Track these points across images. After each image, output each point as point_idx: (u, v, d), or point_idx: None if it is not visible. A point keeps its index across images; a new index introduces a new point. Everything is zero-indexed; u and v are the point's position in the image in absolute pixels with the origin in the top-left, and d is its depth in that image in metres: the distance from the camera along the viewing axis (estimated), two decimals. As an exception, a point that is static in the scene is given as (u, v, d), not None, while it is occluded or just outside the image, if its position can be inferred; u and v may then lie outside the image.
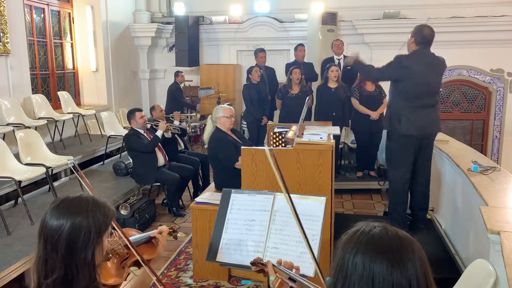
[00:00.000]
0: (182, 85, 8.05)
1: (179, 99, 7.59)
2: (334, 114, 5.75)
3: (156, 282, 1.60)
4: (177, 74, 7.77)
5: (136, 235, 1.87)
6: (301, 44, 7.11)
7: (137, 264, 1.74)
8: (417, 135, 3.98)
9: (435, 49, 4.09)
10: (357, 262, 0.97)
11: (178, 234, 2.09)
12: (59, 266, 1.31)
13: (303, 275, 1.57)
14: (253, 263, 1.68)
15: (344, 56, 6.74)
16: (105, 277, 1.61)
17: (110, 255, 1.68)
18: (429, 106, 4.00)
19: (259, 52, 6.98)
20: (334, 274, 1.02)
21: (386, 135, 4.25)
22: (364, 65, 4.39)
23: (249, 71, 6.64)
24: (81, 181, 1.60)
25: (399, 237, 1.00)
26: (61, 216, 1.33)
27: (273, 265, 1.59)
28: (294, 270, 1.61)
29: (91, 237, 1.33)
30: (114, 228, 1.55)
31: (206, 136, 4.52)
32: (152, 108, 5.89)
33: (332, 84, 5.89)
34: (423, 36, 3.95)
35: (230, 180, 3.94)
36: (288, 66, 6.66)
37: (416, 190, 4.21)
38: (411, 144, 3.99)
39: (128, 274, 1.74)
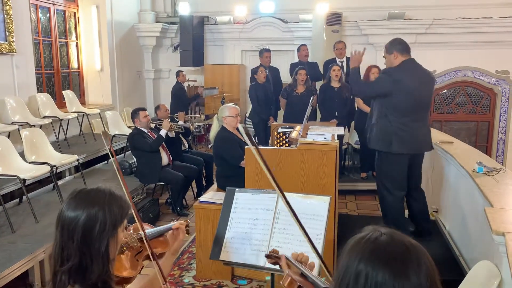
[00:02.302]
0: (186, 85, 8.06)
1: (183, 98, 7.60)
2: (336, 114, 5.75)
3: (160, 280, 1.61)
4: (178, 74, 7.77)
5: (150, 229, 1.88)
6: (304, 44, 7.11)
7: (150, 258, 1.76)
8: (409, 152, 3.83)
9: (440, 50, 4.06)
10: (361, 270, 0.95)
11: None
12: (75, 254, 1.34)
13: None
14: (268, 256, 1.69)
15: (347, 58, 6.72)
16: (119, 269, 1.64)
17: (124, 248, 1.70)
18: (421, 121, 3.85)
19: (265, 52, 6.98)
20: (337, 280, 1.00)
21: (377, 155, 4.03)
22: (358, 76, 4.19)
23: (255, 71, 6.64)
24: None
25: (406, 247, 0.97)
26: (78, 206, 1.37)
27: (287, 258, 1.59)
28: (307, 265, 1.61)
29: (106, 229, 1.36)
30: (129, 222, 1.57)
31: (212, 135, 4.53)
32: (157, 108, 5.91)
33: (335, 84, 5.89)
34: (401, 43, 3.78)
35: (233, 179, 3.95)
36: (293, 66, 6.66)
37: (414, 206, 4.13)
38: (404, 162, 3.84)
39: (142, 267, 1.76)
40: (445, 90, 8.02)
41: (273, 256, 1.68)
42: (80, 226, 1.34)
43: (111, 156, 1.66)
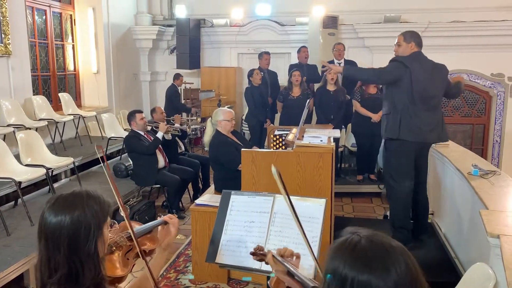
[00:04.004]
0: (183, 87, 8.05)
1: (175, 102, 7.59)
2: (332, 117, 5.77)
3: (149, 276, 1.60)
4: (177, 77, 7.77)
5: (138, 227, 1.86)
6: (304, 46, 7.13)
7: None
8: (416, 140, 3.83)
9: (436, 53, 4.10)
10: (346, 274, 1.02)
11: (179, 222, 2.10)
12: (63, 264, 1.31)
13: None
14: (253, 253, 1.69)
15: (345, 60, 6.73)
16: (110, 270, 1.61)
17: (114, 247, 1.68)
18: (430, 111, 3.86)
19: (264, 54, 7.00)
20: (325, 283, 1.07)
21: (384, 145, 4.09)
22: (354, 68, 4.28)
23: (250, 74, 6.65)
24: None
25: (385, 249, 1.03)
26: (59, 214, 1.33)
27: (273, 256, 1.60)
28: (294, 258, 1.63)
29: (92, 230, 1.34)
30: (114, 219, 1.56)
31: (206, 139, 4.51)
32: (153, 110, 5.90)
33: (331, 87, 5.90)
34: (419, 37, 4.00)
35: (231, 182, 3.93)
36: (291, 67, 6.69)
37: (418, 201, 4.10)
38: (410, 150, 3.84)
39: (134, 265, 1.74)
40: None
41: (258, 253, 1.68)
42: (64, 234, 1.31)
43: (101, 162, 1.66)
